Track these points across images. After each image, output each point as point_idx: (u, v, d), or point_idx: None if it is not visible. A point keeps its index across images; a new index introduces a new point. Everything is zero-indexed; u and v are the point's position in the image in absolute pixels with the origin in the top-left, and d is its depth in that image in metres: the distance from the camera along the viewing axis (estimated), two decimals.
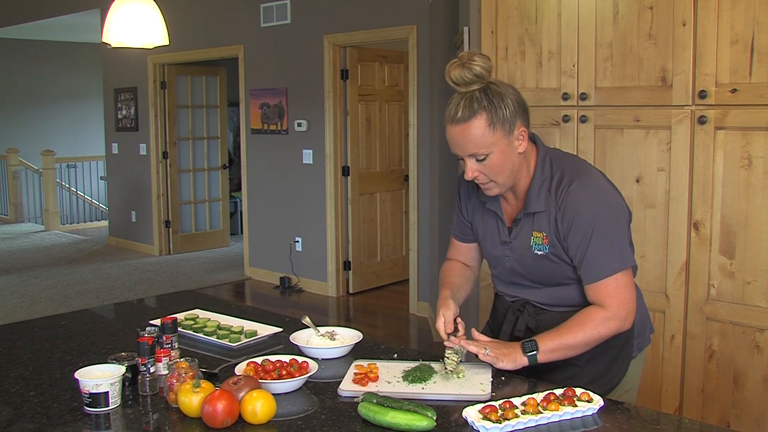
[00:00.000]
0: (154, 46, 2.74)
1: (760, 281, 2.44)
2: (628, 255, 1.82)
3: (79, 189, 11.35)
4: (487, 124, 1.73)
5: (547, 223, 1.82)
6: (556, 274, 1.86)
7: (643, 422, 1.57)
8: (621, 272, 1.79)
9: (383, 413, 1.51)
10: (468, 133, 1.74)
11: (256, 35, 7.06)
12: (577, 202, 1.77)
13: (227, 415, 1.51)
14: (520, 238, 1.87)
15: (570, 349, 1.78)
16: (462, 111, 1.74)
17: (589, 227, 1.76)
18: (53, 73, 12.03)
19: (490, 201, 1.93)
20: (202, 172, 8.95)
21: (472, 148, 1.75)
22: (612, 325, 1.79)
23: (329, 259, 6.68)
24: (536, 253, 1.84)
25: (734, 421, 2.51)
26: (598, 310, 1.79)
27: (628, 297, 1.80)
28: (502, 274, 1.98)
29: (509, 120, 1.75)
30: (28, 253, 8.83)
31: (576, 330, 1.77)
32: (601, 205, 1.79)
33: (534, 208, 1.83)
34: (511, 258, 1.91)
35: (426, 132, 5.91)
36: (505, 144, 1.76)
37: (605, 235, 1.77)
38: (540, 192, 1.82)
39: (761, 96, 2.38)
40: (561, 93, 2.85)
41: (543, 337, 1.79)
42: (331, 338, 2.02)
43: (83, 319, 2.47)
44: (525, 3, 2.94)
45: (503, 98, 1.75)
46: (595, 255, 1.77)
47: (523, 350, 1.76)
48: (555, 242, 1.81)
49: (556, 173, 1.82)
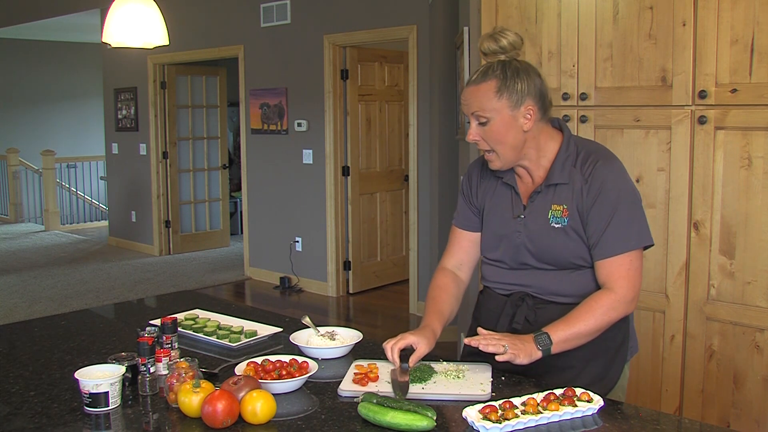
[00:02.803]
0: (154, 46, 2.74)
1: (760, 281, 2.44)
2: (647, 233, 1.85)
3: (79, 189, 11.35)
4: (495, 89, 1.81)
5: (570, 195, 1.84)
6: (568, 253, 1.85)
7: (643, 422, 1.57)
8: (636, 251, 1.82)
9: (383, 413, 1.51)
10: (476, 93, 1.83)
11: (256, 35, 7.06)
12: (605, 176, 1.82)
13: (227, 415, 1.51)
14: (537, 211, 1.88)
15: (582, 338, 1.79)
16: (477, 75, 1.84)
17: (615, 202, 1.81)
18: (53, 73, 12.04)
19: (506, 175, 1.95)
20: (202, 172, 8.95)
21: (476, 106, 1.83)
22: (621, 309, 1.81)
23: (329, 259, 6.68)
24: (553, 226, 1.85)
25: (734, 421, 2.51)
26: (607, 295, 1.80)
27: (638, 281, 1.83)
28: (506, 255, 1.94)
29: (518, 94, 1.81)
30: (28, 253, 8.83)
31: (587, 317, 1.78)
32: (626, 183, 1.85)
33: (558, 179, 1.86)
34: (523, 234, 1.89)
35: (426, 132, 5.91)
36: (508, 115, 1.82)
37: (628, 211, 1.82)
38: (564, 165, 1.86)
39: (761, 96, 2.38)
40: (561, 93, 2.85)
41: (554, 327, 1.77)
42: (331, 338, 2.02)
43: (83, 319, 2.47)
44: (525, 3, 2.94)
45: (519, 74, 1.82)
46: (615, 229, 1.80)
47: (536, 343, 1.75)
48: (575, 215, 1.83)
49: (582, 151, 1.87)
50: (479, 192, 2.02)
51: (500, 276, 1.98)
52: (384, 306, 6.33)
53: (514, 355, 1.72)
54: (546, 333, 1.76)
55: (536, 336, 1.76)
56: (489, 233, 1.99)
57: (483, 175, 2.02)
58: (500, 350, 1.71)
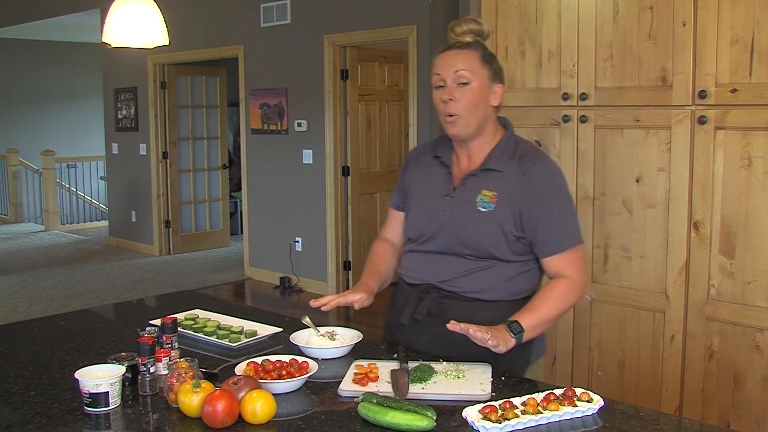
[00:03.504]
0: (154, 46, 2.74)
1: (760, 281, 2.44)
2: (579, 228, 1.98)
3: (79, 189, 11.35)
4: (481, 56, 1.92)
5: (503, 184, 1.91)
6: (488, 240, 1.91)
7: (643, 422, 1.57)
8: (581, 244, 1.95)
9: (383, 413, 1.51)
10: (463, 56, 1.90)
11: (256, 35, 7.06)
12: (544, 174, 1.92)
13: (227, 415, 1.51)
14: (466, 193, 1.95)
15: (547, 323, 1.90)
16: (460, 44, 1.93)
17: (555, 201, 1.92)
18: (53, 73, 12.03)
19: (444, 154, 2.03)
20: (202, 172, 8.95)
21: (462, 66, 1.89)
22: (577, 293, 1.93)
23: (329, 259, 6.68)
24: (479, 209, 1.91)
25: (734, 421, 2.51)
26: (563, 281, 1.90)
27: (585, 268, 1.99)
28: (427, 234, 1.99)
29: (496, 70, 1.94)
30: (28, 253, 8.83)
31: (550, 304, 1.87)
32: (564, 183, 1.98)
33: (494, 165, 1.94)
34: (448, 213, 1.96)
35: (426, 132, 5.91)
36: (486, 85, 1.92)
37: (567, 208, 1.95)
38: (502, 155, 1.95)
39: (761, 96, 2.38)
40: (561, 93, 2.85)
41: (520, 316, 1.84)
42: (331, 338, 2.02)
43: (83, 319, 2.47)
44: (525, 3, 2.94)
45: (494, 57, 1.97)
46: (563, 225, 1.92)
47: (510, 332, 1.80)
48: (505, 205, 1.90)
49: (521, 148, 1.97)
50: (410, 175, 2.11)
51: (415, 263, 2.05)
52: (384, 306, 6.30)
53: (496, 345, 1.77)
54: (516, 321, 1.82)
55: (508, 325, 1.81)
56: (417, 209, 2.06)
57: (417, 159, 2.12)
58: (486, 336, 1.75)
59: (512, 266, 1.94)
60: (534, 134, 2.96)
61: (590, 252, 2.84)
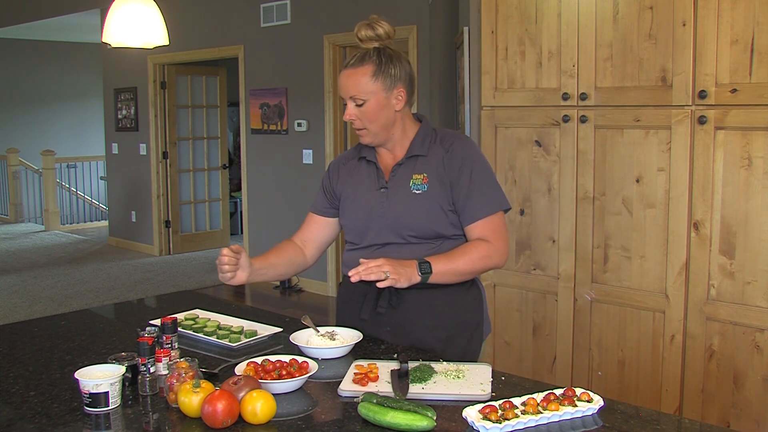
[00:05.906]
0: (154, 46, 2.74)
1: (760, 281, 2.44)
2: (504, 198, 2.09)
3: (79, 189, 11.35)
4: (372, 74, 2.00)
5: (431, 165, 2.04)
6: (429, 220, 2.01)
7: (643, 422, 1.57)
8: (500, 212, 2.06)
9: (383, 413, 1.51)
10: (354, 77, 2.01)
11: (256, 35, 7.06)
12: (464, 148, 2.06)
13: (227, 415, 1.51)
14: (399, 182, 2.06)
15: (458, 275, 2.00)
16: (355, 60, 2.03)
17: (477, 170, 2.03)
18: (53, 73, 12.03)
19: (369, 154, 2.14)
20: (202, 172, 8.95)
21: (353, 90, 2.00)
22: (495, 258, 2.03)
23: (329, 259, 6.68)
24: (414, 192, 2.03)
25: (734, 421, 2.51)
26: (485, 243, 2.01)
27: (507, 238, 2.08)
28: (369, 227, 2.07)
29: (392, 78, 2.01)
30: (28, 253, 8.83)
31: (466, 258, 1.99)
32: (483, 157, 2.11)
33: (418, 151, 2.06)
34: (386, 204, 2.04)
35: None
36: (383, 96, 2.01)
37: (489, 177, 2.07)
38: (424, 142, 2.08)
39: (761, 96, 2.38)
40: (561, 93, 2.85)
41: (435, 259, 1.95)
42: (331, 338, 2.02)
43: (83, 319, 2.47)
44: (525, 3, 2.94)
45: (392, 60, 2.03)
46: (482, 193, 2.02)
47: (418, 269, 1.91)
48: (435, 183, 2.02)
49: (440, 134, 2.10)
50: (339, 180, 2.20)
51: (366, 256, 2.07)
52: None
53: (394, 280, 1.87)
54: (428, 262, 1.94)
55: (420, 262, 1.93)
56: (354, 210, 2.13)
57: (343, 164, 2.22)
58: (382, 277, 1.85)
59: (457, 242, 2.04)
60: (534, 134, 2.96)
61: (590, 252, 2.84)
